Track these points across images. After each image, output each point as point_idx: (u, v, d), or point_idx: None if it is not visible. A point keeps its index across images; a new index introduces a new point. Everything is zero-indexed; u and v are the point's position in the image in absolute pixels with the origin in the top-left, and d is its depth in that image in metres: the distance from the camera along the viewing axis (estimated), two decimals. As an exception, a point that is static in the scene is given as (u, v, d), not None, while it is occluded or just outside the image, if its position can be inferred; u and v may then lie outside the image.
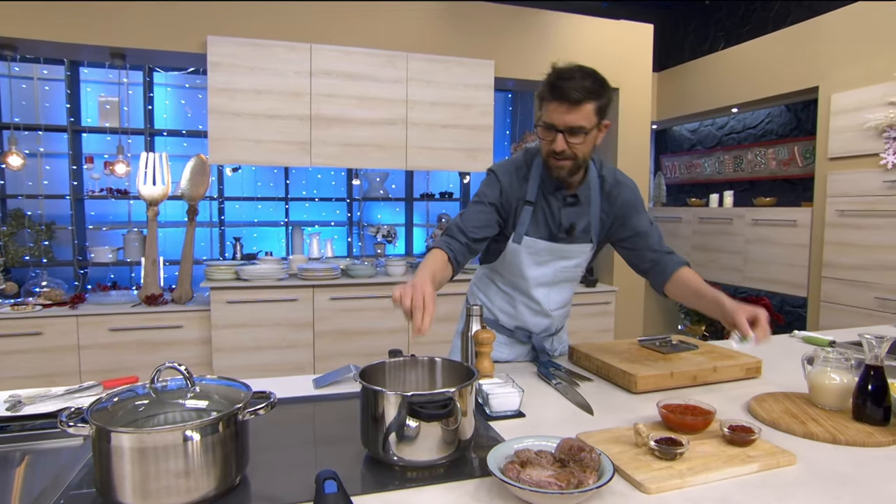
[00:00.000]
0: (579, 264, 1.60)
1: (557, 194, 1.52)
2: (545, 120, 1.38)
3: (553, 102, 1.35)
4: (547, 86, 1.36)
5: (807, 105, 4.37)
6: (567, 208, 1.52)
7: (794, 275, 3.86)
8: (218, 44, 3.27)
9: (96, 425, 0.81)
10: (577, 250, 1.57)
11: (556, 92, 1.34)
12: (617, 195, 1.56)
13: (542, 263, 1.56)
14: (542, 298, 1.61)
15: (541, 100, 1.41)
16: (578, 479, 0.83)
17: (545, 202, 1.52)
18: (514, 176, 1.52)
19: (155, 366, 3.13)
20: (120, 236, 4.00)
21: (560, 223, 1.52)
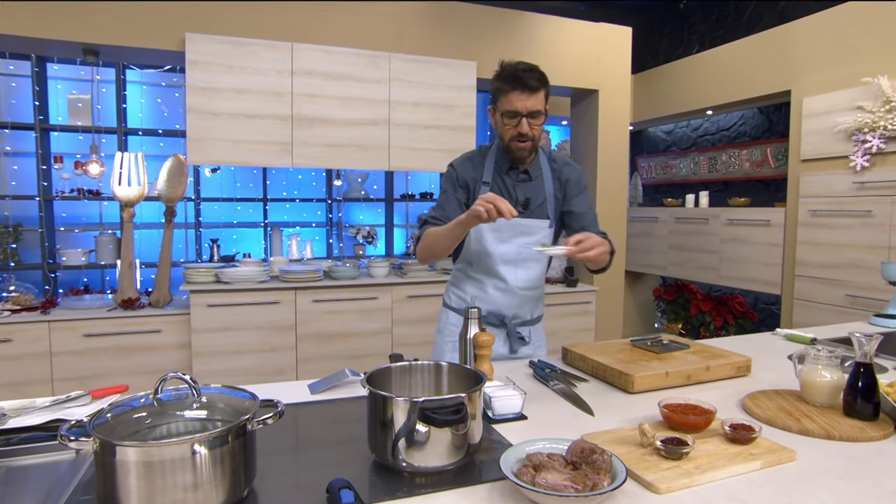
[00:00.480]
0: (540, 241, 1.74)
1: (511, 173, 1.73)
2: (508, 108, 1.59)
3: (515, 91, 1.56)
4: (507, 77, 1.58)
5: (778, 108, 4.50)
6: (521, 184, 1.74)
7: (769, 273, 3.96)
8: (196, 41, 3.20)
9: (100, 439, 0.78)
10: (537, 225, 1.73)
11: (518, 82, 1.56)
12: (566, 174, 1.78)
13: (504, 240, 1.71)
14: (508, 275, 1.74)
15: (499, 92, 1.61)
16: (593, 481, 0.84)
17: (500, 181, 1.73)
18: (468, 163, 1.75)
19: (132, 372, 3.02)
20: (92, 238, 3.87)
21: (516, 198, 1.72)
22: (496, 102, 1.64)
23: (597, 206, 4.37)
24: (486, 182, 1.71)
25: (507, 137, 1.64)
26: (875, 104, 3.26)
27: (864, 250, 3.33)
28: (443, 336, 1.87)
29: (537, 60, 1.62)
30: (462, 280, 1.83)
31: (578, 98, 4.55)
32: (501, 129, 1.65)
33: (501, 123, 1.64)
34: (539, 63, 1.63)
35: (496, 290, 1.76)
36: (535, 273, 1.78)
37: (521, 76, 1.55)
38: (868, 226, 3.30)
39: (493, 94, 1.65)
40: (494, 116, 1.68)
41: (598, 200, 4.37)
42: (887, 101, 3.20)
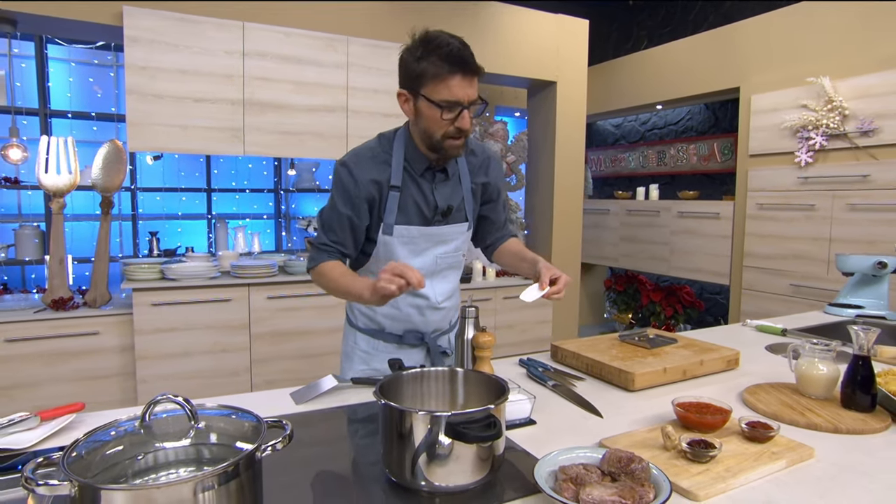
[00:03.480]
0: (458, 248, 1.49)
1: (427, 174, 1.40)
2: (449, 97, 1.23)
3: (456, 76, 1.22)
4: (447, 58, 1.21)
5: (724, 104, 4.67)
6: (440, 187, 1.41)
7: (718, 264, 4.12)
8: (136, 16, 2.91)
9: (79, 482, 0.65)
10: (454, 232, 1.46)
11: (463, 64, 1.22)
12: (490, 168, 1.53)
13: (419, 252, 1.42)
14: (428, 291, 1.46)
15: (430, 75, 1.23)
16: (639, 494, 0.78)
17: (414, 185, 1.39)
18: (370, 163, 1.36)
19: (66, 379, 2.73)
20: (10, 231, 3.49)
21: (436, 206, 1.41)
22: (422, 87, 1.25)
23: (554, 198, 4.39)
24: (396, 186, 1.36)
25: (440, 134, 1.28)
26: (818, 103, 3.43)
27: (807, 242, 3.51)
28: (351, 362, 1.56)
29: (497, 49, 1.42)
30: None
31: (536, 89, 4.54)
32: (430, 122, 1.28)
33: (431, 115, 1.26)
34: (498, 53, 1.39)
35: (413, 308, 1.48)
36: (454, 282, 1.55)
37: (465, 58, 1.22)
38: (811, 219, 3.48)
39: (412, 76, 1.26)
40: (414, 105, 1.29)
41: (556, 193, 4.38)
42: (829, 100, 3.37)
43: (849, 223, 3.31)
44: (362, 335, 1.54)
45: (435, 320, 1.52)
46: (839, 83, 3.35)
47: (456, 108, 1.24)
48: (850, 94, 3.30)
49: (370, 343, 1.53)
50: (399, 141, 1.38)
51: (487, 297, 4.09)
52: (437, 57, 1.22)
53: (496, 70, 4.04)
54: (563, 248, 4.46)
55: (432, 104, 1.25)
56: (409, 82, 1.28)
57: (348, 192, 1.35)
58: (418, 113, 1.29)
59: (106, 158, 3.05)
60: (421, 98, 1.26)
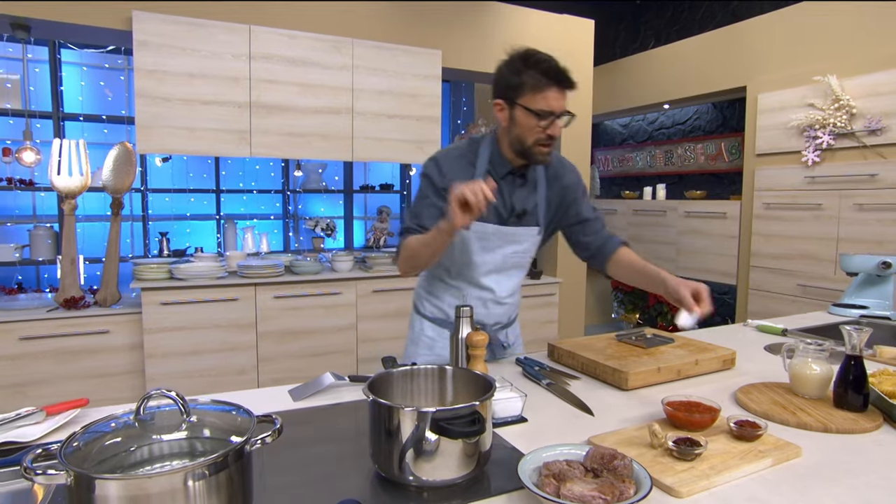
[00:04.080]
0: (527, 250, 1.60)
1: (507, 178, 1.52)
2: (542, 107, 1.36)
3: (553, 89, 1.36)
4: (547, 72, 1.35)
5: (731, 103, 4.64)
6: (518, 191, 1.54)
7: (725, 264, 4.10)
8: (145, 20, 2.97)
9: (75, 471, 0.68)
10: (526, 234, 1.57)
11: (559, 77, 1.36)
12: (561, 177, 1.60)
13: (490, 249, 1.54)
14: (494, 285, 1.59)
15: (530, 87, 1.36)
16: (620, 490, 0.80)
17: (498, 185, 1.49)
18: (459, 162, 1.51)
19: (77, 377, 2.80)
20: (25, 232, 3.56)
21: (512, 207, 1.53)
22: (519, 97, 1.38)
23: (560, 198, 4.38)
24: None
25: (532, 140, 1.41)
26: (825, 102, 3.40)
27: (814, 242, 3.48)
28: (416, 347, 1.68)
29: (501, 50, 1.49)
30: (438, 287, 1.66)
31: (541, 90, 4.54)
32: (524, 129, 1.40)
33: (526, 122, 1.39)
34: (503, 53, 1.46)
35: (478, 301, 1.59)
36: (518, 280, 1.66)
37: (563, 73, 1.37)
38: (819, 218, 3.45)
39: (513, 87, 1.39)
40: (511, 112, 1.41)
41: (562, 193, 4.38)
42: (836, 99, 3.34)
43: (856, 223, 3.28)
44: (429, 323, 1.66)
45: (497, 313, 1.64)
46: (846, 81, 3.32)
47: (549, 116, 1.38)
48: (858, 92, 3.27)
49: (436, 330, 1.65)
50: (485, 146, 1.52)
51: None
52: (536, 71, 1.36)
53: (501, 71, 4.05)
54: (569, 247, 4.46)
55: (529, 112, 1.38)
56: (506, 92, 1.41)
57: (435, 183, 1.48)
58: (513, 121, 1.42)
59: (116, 160, 3.11)
60: (518, 107, 1.39)
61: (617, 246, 1.61)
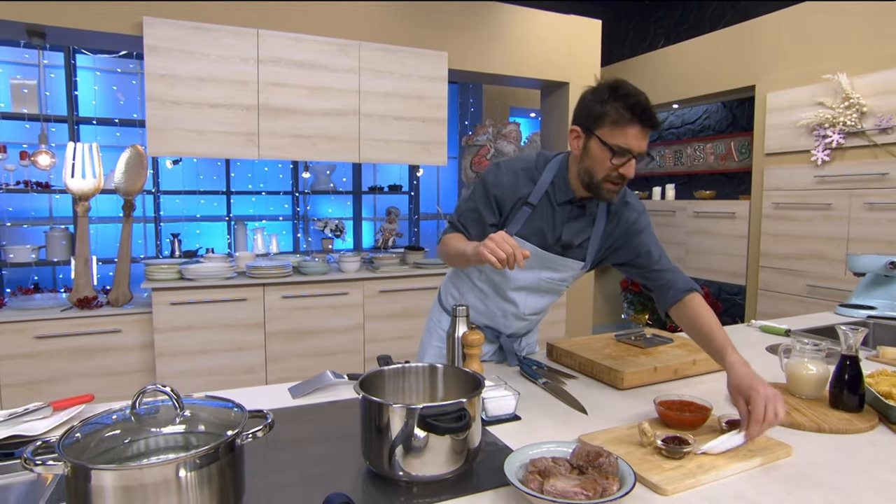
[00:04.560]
0: (565, 279, 1.54)
1: (565, 206, 1.44)
2: (623, 144, 1.26)
3: (636, 127, 1.25)
4: (633, 108, 1.24)
5: (741, 103, 4.61)
6: (571, 223, 1.45)
7: (734, 264, 4.07)
8: (155, 26, 3.03)
9: (72, 462, 0.71)
10: (568, 265, 1.49)
11: (644, 115, 1.25)
12: (622, 214, 1.48)
13: (527, 268, 1.48)
14: (520, 301, 1.55)
15: (612, 120, 1.26)
16: (602, 486, 0.81)
17: (549, 210, 1.44)
18: (520, 175, 1.45)
19: (89, 375, 2.85)
20: (41, 234, 3.65)
21: (560, 236, 1.45)
22: (598, 128, 1.28)
23: (567, 198, 4.38)
24: (531, 204, 1.42)
25: (601, 175, 1.31)
26: (835, 100, 3.37)
27: (824, 242, 3.44)
28: (431, 337, 1.72)
29: (508, 51, 1.47)
30: (465, 285, 1.63)
31: (549, 90, 4.55)
32: (596, 162, 1.31)
33: (599, 156, 1.29)
34: (510, 54, 1.43)
35: (499, 311, 1.57)
36: (547, 303, 1.61)
37: (647, 112, 1.24)
38: (828, 218, 3.42)
39: (593, 117, 1.29)
40: (586, 142, 1.32)
41: (569, 193, 4.38)
42: (846, 97, 3.30)
43: (867, 222, 3.24)
44: (447, 316, 1.67)
45: (516, 326, 1.62)
46: (856, 79, 3.28)
47: (626, 155, 1.28)
48: (868, 90, 3.23)
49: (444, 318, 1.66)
50: (553, 165, 1.45)
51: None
52: (622, 104, 1.25)
53: (507, 72, 4.07)
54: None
55: (605, 146, 1.28)
56: (585, 121, 1.31)
57: (487, 189, 1.45)
58: (586, 151, 1.33)
59: (128, 163, 3.17)
60: (594, 138, 1.30)
61: (682, 294, 1.39)
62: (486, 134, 4.54)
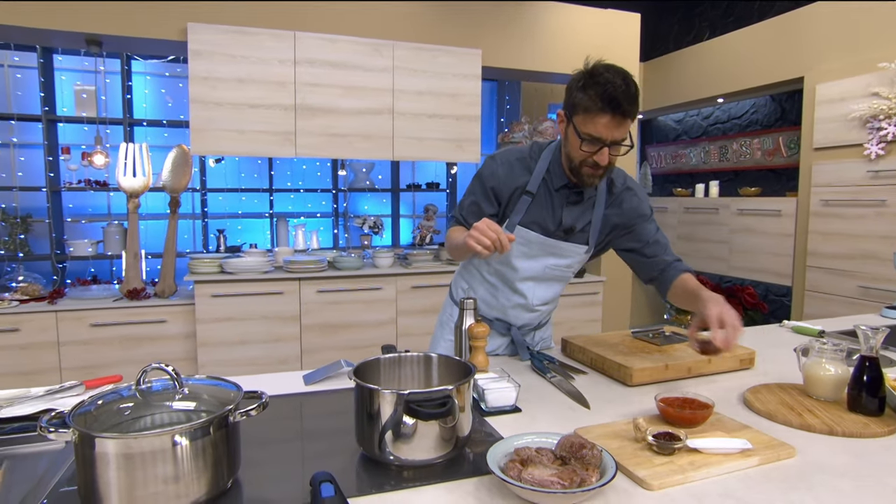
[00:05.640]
0: (570, 265, 1.56)
1: (562, 191, 1.46)
2: (591, 132, 1.27)
3: (605, 116, 1.24)
4: (601, 97, 1.23)
5: (791, 95, 4.40)
6: (570, 207, 1.47)
7: (779, 264, 3.90)
8: (199, 31, 3.18)
9: (79, 430, 0.77)
10: (572, 250, 1.52)
11: (613, 106, 1.23)
12: (624, 201, 1.50)
13: (531, 257, 1.52)
14: (528, 292, 1.57)
15: (582, 108, 1.27)
16: (581, 477, 0.82)
17: (548, 197, 1.46)
18: (515, 165, 1.47)
19: (138, 361, 3.03)
20: (100, 229, 3.90)
21: (560, 221, 1.47)
22: (573, 115, 1.31)
23: (604, 196, 4.31)
24: (530, 192, 1.45)
25: (578, 161, 1.34)
26: (891, 90, 3.17)
27: (877, 241, 3.25)
28: (443, 330, 1.75)
29: (543, 47, 1.47)
30: (474, 279, 1.65)
31: (586, 86, 4.48)
32: (572, 149, 1.34)
33: (573, 143, 1.33)
34: (545, 50, 1.44)
35: (509, 303, 1.59)
36: (556, 290, 1.62)
37: (619, 100, 1.22)
38: (882, 215, 3.22)
39: (570, 103, 1.31)
40: (566, 127, 1.36)
41: (606, 190, 4.31)
42: (904, 87, 3.11)
43: (925, 221, 3.04)
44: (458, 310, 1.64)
45: (526, 318, 1.64)
46: (916, 68, 3.08)
47: (596, 143, 1.28)
48: (928, 79, 3.03)
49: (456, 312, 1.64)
50: (547, 153, 1.47)
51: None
52: (595, 92, 1.24)
53: (542, 68, 4.03)
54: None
55: (577, 134, 1.30)
56: (567, 107, 1.34)
57: (483, 182, 1.47)
58: (566, 136, 1.37)
59: (174, 162, 3.35)
60: (571, 124, 1.32)
61: (679, 273, 1.47)
62: (523, 131, 4.52)
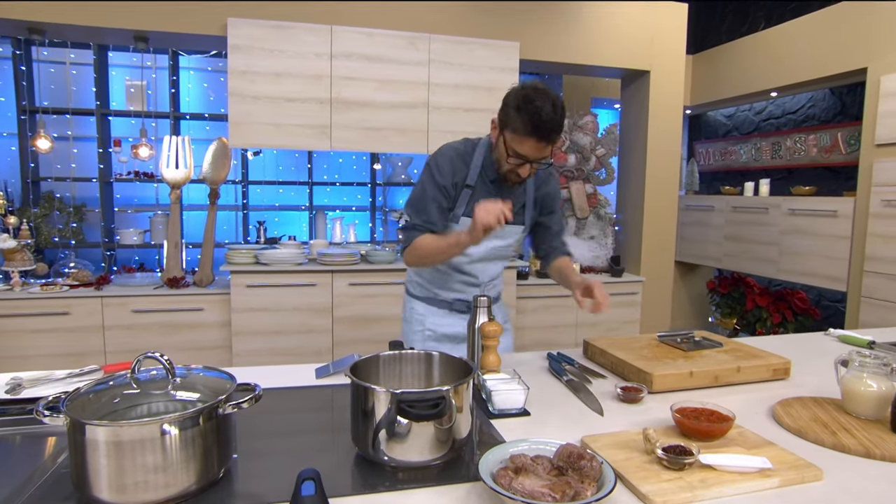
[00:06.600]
0: (510, 245, 1.73)
1: (497, 181, 1.61)
2: (519, 151, 1.43)
3: (531, 140, 1.40)
4: (528, 124, 1.38)
5: (853, 88, 4.11)
6: (507, 194, 1.62)
7: (833, 268, 3.66)
8: (238, 26, 3.24)
9: (70, 417, 0.78)
10: (511, 231, 1.68)
11: (540, 133, 1.39)
12: (547, 184, 1.71)
13: None
14: (477, 272, 1.71)
15: (512, 128, 1.42)
16: (575, 490, 0.77)
17: (485, 187, 1.60)
18: (458, 162, 1.59)
19: (176, 348, 3.14)
20: (147, 219, 4.05)
21: None
22: (504, 129, 1.46)
23: (645, 193, 4.17)
24: (470, 186, 1.58)
25: (505, 169, 1.52)
26: (965, 82, 2.90)
27: (945, 245, 3.00)
28: (411, 326, 1.82)
29: (584, 40, 1.44)
30: (426, 270, 1.76)
31: (629, 80, 4.33)
32: (500, 156, 1.51)
33: (502, 153, 1.48)
34: (586, 43, 1.45)
35: (461, 283, 1.73)
36: (500, 268, 1.80)
37: (544, 129, 1.38)
38: (951, 218, 2.97)
39: (505, 119, 1.44)
40: (497, 135, 1.50)
41: (647, 187, 4.16)
42: (981, 78, 2.84)
43: None
44: (419, 301, 1.79)
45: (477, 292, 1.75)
46: None
47: (521, 160, 1.46)
48: None
49: (424, 307, 1.78)
50: (481, 148, 1.62)
51: (568, 294, 3.98)
52: (527, 117, 1.38)
53: (583, 61, 3.92)
54: (654, 245, 4.23)
55: (506, 147, 1.47)
56: (500, 119, 1.49)
57: (434, 179, 1.57)
58: (496, 143, 1.52)
59: (214, 154, 3.44)
60: (502, 136, 1.48)
61: (562, 254, 1.75)
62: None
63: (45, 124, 3.51)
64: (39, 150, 3.46)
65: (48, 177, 3.87)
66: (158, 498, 0.80)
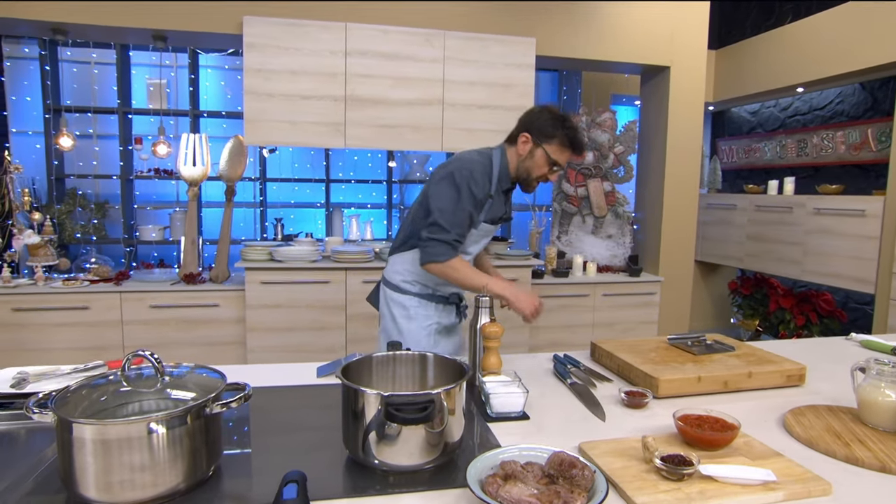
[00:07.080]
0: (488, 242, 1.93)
1: (507, 190, 1.81)
2: (559, 159, 1.69)
3: (569, 152, 1.70)
4: (572, 139, 1.68)
5: (885, 83, 3.96)
6: (508, 200, 1.85)
7: (861, 269, 3.53)
8: (253, 24, 3.26)
9: (58, 415, 0.79)
10: (495, 229, 1.86)
11: (576, 147, 1.70)
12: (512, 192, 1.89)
13: (477, 241, 1.81)
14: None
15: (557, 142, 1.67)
16: (564, 499, 0.74)
17: (498, 196, 1.76)
18: (486, 178, 1.72)
19: (192, 343, 3.16)
20: (167, 215, 4.12)
21: (505, 211, 1.83)
22: (547, 144, 1.67)
23: (664, 191, 4.09)
24: (491, 196, 1.75)
25: (536, 175, 1.72)
26: None
27: (979, 247, 2.87)
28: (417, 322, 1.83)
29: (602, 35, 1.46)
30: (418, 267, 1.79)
31: (649, 76, 4.24)
32: (536, 166, 1.70)
33: (541, 163, 1.69)
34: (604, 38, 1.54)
35: None
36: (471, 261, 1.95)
37: (580, 143, 1.71)
38: None
39: (546, 134, 1.66)
40: (533, 149, 1.68)
41: (666, 185, 4.07)
42: None
43: None
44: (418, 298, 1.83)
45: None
46: None
47: (559, 168, 1.73)
48: None
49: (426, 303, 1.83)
50: (496, 160, 1.76)
51: (585, 293, 3.95)
52: (568, 135, 1.67)
53: (600, 57, 3.85)
54: (673, 244, 4.14)
55: (548, 158, 1.69)
56: (537, 134, 1.69)
57: (473, 192, 1.68)
58: (531, 155, 1.71)
59: (230, 152, 3.47)
60: (541, 149, 1.68)
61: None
62: (580, 123, 4.34)
63: (67, 122, 3.58)
64: (62, 147, 3.54)
65: (71, 174, 3.96)
66: (146, 496, 0.80)
